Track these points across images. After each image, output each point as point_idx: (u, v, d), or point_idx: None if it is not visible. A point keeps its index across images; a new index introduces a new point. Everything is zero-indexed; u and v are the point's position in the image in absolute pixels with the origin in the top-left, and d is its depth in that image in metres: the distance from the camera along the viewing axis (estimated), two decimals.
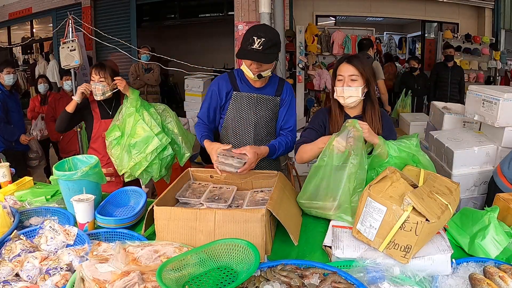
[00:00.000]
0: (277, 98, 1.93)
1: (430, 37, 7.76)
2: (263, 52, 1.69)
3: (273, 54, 1.74)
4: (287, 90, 1.97)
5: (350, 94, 1.69)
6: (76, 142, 3.94)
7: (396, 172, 1.30)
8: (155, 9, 7.51)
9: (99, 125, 2.39)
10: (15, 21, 8.16)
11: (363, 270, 1.09)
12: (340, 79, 1.72)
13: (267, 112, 1.93)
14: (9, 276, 1.14)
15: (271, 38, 1.70)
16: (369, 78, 1.71)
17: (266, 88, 1.92)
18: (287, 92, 1.96)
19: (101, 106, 2.41)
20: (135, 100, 2.27)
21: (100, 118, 2.39)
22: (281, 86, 1.95)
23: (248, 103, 1.91)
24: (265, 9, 3.01)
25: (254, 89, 1.91)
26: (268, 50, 1.69)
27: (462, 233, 1.39)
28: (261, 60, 1.71)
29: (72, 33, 3.81)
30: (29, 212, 1.62)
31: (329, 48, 6.35)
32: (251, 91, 1.91)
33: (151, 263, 1.06)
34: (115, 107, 2.40)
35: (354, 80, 1.69)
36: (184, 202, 1.56)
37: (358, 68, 1.68)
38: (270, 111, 1.93)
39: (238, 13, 4.92)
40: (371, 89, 1.73)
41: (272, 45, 1.70)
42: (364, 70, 1.69)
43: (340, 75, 1.72)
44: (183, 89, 5.72)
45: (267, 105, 1.92)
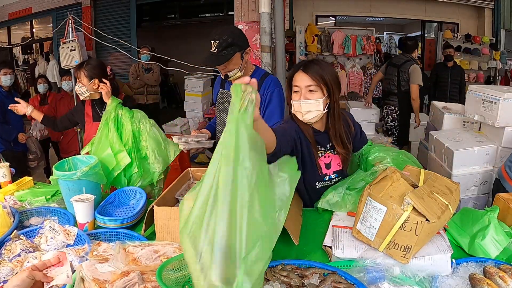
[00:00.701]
0: None
1: (430, 37, 7.76)
2: (218, 54, 1.67)
3: (228, 54, 1.69)
4: (266, 85, 1.82)
5: (308, 109, 1.43)
6: (76, 142, 3.94)
7: (396, 172, 1.30)
8: (155, 9, 7.51)
9: (91, 127, 2.34)
10: (15, 21, 8.15)
11: (363, 270, 1.09)
12: (296, 91, 1.47)
13: None
14: (9, 276, 1.14)
15: (225, 39, 1.67)
16: (331, 87, 1.45)
17: None
18: (267, 87, 1.82)
19: (94, 109, 2.36)
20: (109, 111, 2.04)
21: (92, 120, 2.34)
22: (261, 81, 1.83)
23: (227, 101, 1.92)
24: (265, 9, 3.02)
25: None
26: (224, 51, 1.67)
27: (462, 233, 1.39)
28: (213, 63, 1.70)
29: (72, 33, 3.82)
30: (29, 212, 1.62)
31: (329, 48, 6.35)
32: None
33: (151, 263, 1.06)
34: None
35: (313, 91, 1.43)
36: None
37: (316, 77, 1.42)
38: None
39: (238, 13, 4.92)
40: (334, 100, 1.48)
41: (227, 45, 1.67)
42: (324, 78, 1.44)
43: (296, 86, 1.46)
44: (183, 89, 5.71)
45: None
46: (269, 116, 1.80)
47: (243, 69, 1.79)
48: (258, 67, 1.93)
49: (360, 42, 6.34)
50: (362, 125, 4.84)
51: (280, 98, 1.84)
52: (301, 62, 1.50)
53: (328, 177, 1.57)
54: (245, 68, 1.82)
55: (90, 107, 2.36)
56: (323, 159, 1.56)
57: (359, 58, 6.50)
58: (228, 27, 1.76)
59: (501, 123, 2.56)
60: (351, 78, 6.27)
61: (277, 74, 3.25)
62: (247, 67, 1.85)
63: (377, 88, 6.54)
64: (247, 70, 1.85)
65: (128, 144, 1.94)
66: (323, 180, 1.57)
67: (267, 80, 1.83)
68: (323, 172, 1.56)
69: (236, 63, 1.74)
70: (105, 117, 2.00)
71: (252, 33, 4.61)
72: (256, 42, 4.55)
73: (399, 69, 4.19)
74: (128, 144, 1.94)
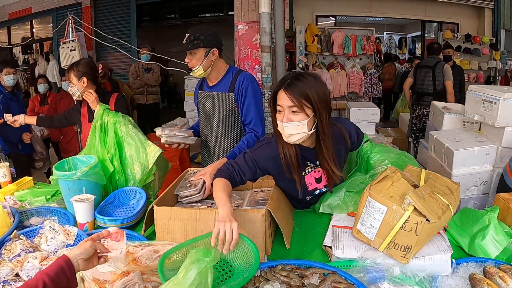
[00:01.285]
0: (230, 94, 1.85)
1: (430, 37, 7.77)
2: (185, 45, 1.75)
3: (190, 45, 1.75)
4: (240, 82, 1.82)
5: (292, 132, 1.30)
6: (76, 142, 3.94)
7: (397, 172, 1.30)
8: (155, 9, 7.52)
9: (86, 128, 2.31)
10: (15, 21, 8.15)
11: (363, 270, 1.09)
12: (279, 110, 1.32)
13: (220, 110, 1.88)
14: (9, 276, 1.14)
15: (193, 33, 1.75)
16: (317, 107, 1.29)
17: (219, 85, 1.89)
18: (240, 84, 1.82)
19: (89, 109, 2.31)
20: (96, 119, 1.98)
21: (88, 121, 2.32)
22: (234, 79, 1.84)
23: (203, 102, 1.95)
24: (265, 9, 3.02)
25: (209, 88, 1.92)
26: (189, 44, 1.75)
27: (462, 233, 1.39)
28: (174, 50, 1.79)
29: (72, 33, 3.82)
30: (29, 212, 1.62)
31: (329, 48, 6.36)
32: (208, 90, 1.93)
33: (151, 263, 1.06)
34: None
35: (296, 112, 1.28)
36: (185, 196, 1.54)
37: (298, 97, 1.26)
38: (223, 109, 1.87)
39: (238, 13, 4.92)
40: (321, 119, 1.32)
41: (194, 39, 1.75)
42: (309, 97, 1.27)
43: (279, 105, 1.32)
44: (183, 89, 5.72)
45: (219, 103, 1.88)
46: (246, 113, 1.82)
47: (207, 68, 1.81)
48: (232, 66, 1.94)
49: (360, 42, 6.34)
50: (362, 125, 4.84)
51: (255, 93, 1.83)
52: (286, 77, 1.34)
53: (319, 191, 1.52)
54: (214, 69, 1.84)
55: (86, 108, 2.34)
56: (313, 174, 1.48)
57: (359, 58, 6.50)
58: (204, 26, 1.83)
59: (501, 123, 2.56)
60: (351, 78, 6.27)
61: (277, 74, 3.25)
62: (219, 68, 1.87)
63: (377, 88, 6.54)
64: (219, 70, 1.88)
65: (110, 151, 1.90)
66: (312, 194, 1.52)
67: (240, 77, 1.84)
68: (313, 187, 1.50)
69: (199, 58, 1.77)
70: (93, 125, 1.97)
71: (252, 33, 4.60)
72: (256, 42, 4.55)
73: (434, 70, 4.35)
74: (111, 151, 1.90)
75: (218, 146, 1.95)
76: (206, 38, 1.76)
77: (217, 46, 1.80)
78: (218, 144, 1.94)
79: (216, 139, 1.94)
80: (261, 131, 1.81)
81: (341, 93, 6.36)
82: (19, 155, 3.48)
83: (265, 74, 3.15)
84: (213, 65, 1.84)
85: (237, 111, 1.87)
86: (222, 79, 1.88)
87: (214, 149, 1.96)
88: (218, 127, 1.91)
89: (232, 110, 1.87)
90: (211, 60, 1.81)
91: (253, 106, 1.81)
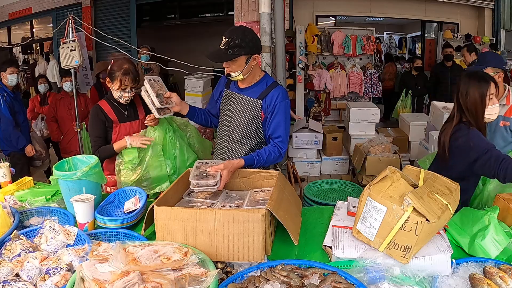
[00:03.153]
0: (258, 101, 1.83)
1: (430, 37, 7.76)
2: (224, 51, 1.69)
3: (232, 54, 1.69)
4: (274, 95, 1.82)
5: None
6: (76, 142, 3.94)
7: (396, 172, 1.30)
8: (155, 9, 7.51)
9: (119, 129, 2.15)
10: (15, 21, 8.15)
11: (363, 270, 1.09)
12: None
13: (244, 114, 1.86)
14: (9, 276, 1.14)
15: (234, 38, 1.68)
16: None
17: (250, 89, 1.86)
18: (274, 98, 1.81)
19: (116, 110, 2.16)
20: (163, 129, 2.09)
21: (119, 122, 2.16)
22: (268, 90, 1.84)
23: (229, 102, 1.92)
24: (265, 9, 3.01)
25: (238, 89, 1.89)
26: (230, 50, 1.68)
27: (462, 233, 1.39)
28: (215, 59, 1.71)
29: (72, 33, 3.81)
30: (29, 212, 1.62)
31: (329, 48, 6.36)
32: (236, 91, 1.90)
33: (151, 263, 1.06)
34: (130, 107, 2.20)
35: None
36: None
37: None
38: (247, 113, 1.85)
39: (238, 13, 4.92)
40: None
41: (234, 45, 1.68)
42: None
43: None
44: (183, 89, 5.71)
45: (245, 106, 1.85)
46: (275, 126, 1.82)
47: (246, 74, 1.78)
48: (267, 75, 1.92)
49: (360, 42, 6.34)
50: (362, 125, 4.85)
51: (286, 111, 1.83)
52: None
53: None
54: (250, 74, 1.81)
55: (111, 109, 2.15)
56: None
57: (359, 58, 6.50)
58: (243, 29, 1.75)
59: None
60: (351, 78, 6.27)
61: (277, 74, 3.24)
62: (254, 73, 1.84)
63: (377, 88, 6.54)
64: (254, 76, 1.85)
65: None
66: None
67: (275, 91, 1.83)
68: None
69: (240, 65, 1.74)
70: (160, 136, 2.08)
71: None
72: None
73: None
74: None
75: (233, 148, 1.92)
76: (247, 45, 1.70)
77: (257, 52, 1.77)
78: (234, 145, 1.92)
79: (233, 140, 1.91)
80: (285, 148, 1.83)
81: (341, 93, 6.36)
82: (18, 154, 3.48)
83: None
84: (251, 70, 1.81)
85: (261, 120, 1.85)
86: (255, 85, 1.85)
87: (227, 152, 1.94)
88: (237, 129, 1.89)
89: (256, 117, 1.84)
90: (251, 65, 1.78)
91: (283, 124, 1.83)
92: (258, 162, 1.73)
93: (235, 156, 1.90)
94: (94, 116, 2.12)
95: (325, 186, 2.99)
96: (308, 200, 2.61)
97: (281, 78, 3.25)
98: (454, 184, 1.35)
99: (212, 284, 1.01)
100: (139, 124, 2.20)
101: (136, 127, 2.19)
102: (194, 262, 1.09)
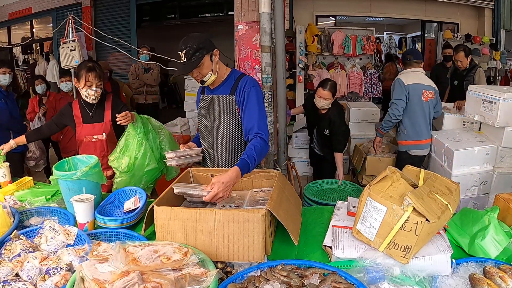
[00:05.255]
0: (231, 96, 1.81)
1: (430, 37, 7.76)
2: (188, 62, 1.66)
3: (197, 59, 1.67)
4: (242, 84, 1.79)
5: None
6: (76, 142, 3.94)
7: (396, 172, 1.30)
8: (155, 9, 7.50)
9: (81, 129, 2.28)
10: (15, 21, 8.15)
11: (363, 270, 1.09)
12: None
13: (221, 113, 1.84)
14: (9, 276, 1.14)
15: (190, 46, 1.66)
16: None
17: (221, 87, 1.85)
18: (242, 86, 1.79)
19: (83, 110, 2.28)
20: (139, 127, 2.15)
21: (82, 122, 2.28)
22: (237, 82, 1.81)
23: (205, 105, 1.91)
24: (265, 9, 3.01)
25: (210, 91, 1.88)
26: (193, 57, 1.66)
27: (462, 233, 1.39)
28: (185, 70, 1.69)
29: (72, 33, 3.81)
30: (29, 212, 1.62)
31: (329, 48, 6.35)
32: (208, 92, 1.89)
33: (151, 263, 1.06)
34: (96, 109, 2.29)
35: None
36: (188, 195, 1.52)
37: None
38: (224, 112, 1.84)
39: (238, 13, 4.92)
40: None
41: (194, 51, 1.66)
42: None
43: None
44: (183, 89, 5.72)
45: (220, 105, 1.84)
46: (249, 116, 1.77)
47: (216, 71, 1.78)
48: (234, 70, 1.91)
49: (360, 42, 6.33)
50: (362, 125, 4.84)
51: (258, 96, 1.80)
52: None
53: None
54: (218, 70, 1.80)
55: (79, 109, 2.29)
56: None
57: (359, 58, 6.49)
58: (191, 35, 1.74)
59: (501, 123, 2.56)
60: (351, 78, 6.26)
61: (277, 74, 3.24)
62: (220, 70, 1.83)
63: (377, 88, 6.54)
64: (221, 72, 1.84)
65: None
66: None
67: (242, 81, 1.81)
68: None
69: (207, 66, 1.73)
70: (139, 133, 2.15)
71: (252, 33, 4.60)
72: (256, 42, 4.55)
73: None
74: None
75: (219, 150, 1.91)
76: (204, 44, 1.70)
77: (214, 47, 1.76)
78: (219, 147, 1.90)
79: (217, 143, 1.90)
80: (266, 133, 1.76)
81: (341, 93, 6.35)
82: (12, 153, 3.48)
83: (265, 74, 3.14)
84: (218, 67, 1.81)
85: (238, 114, 1.83)
86: (224, 82, 1.85)
87: (215, 154, 1.92)
88: (219, 130, 1.87)
89: (234, 113, 1.83)
90: (216, 61, 1.78)
91: (257, 111, 1.77)
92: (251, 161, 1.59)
93: (223, 159, 1.88)
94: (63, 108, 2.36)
95: (325, 186, 2.99)
96: (308, 200, 2.61)
97: (281, 78, 3.24)
98: (454, 184, 1.35)
99: (212, 284, 1.01)
100: (102, 127, 2.30)
101: (98, 128, 2.30)
102: (194, 262, 1.09)
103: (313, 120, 3.47)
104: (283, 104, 3.30)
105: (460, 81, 4.12)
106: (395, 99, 3.07)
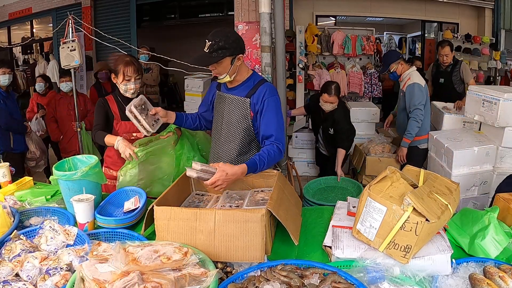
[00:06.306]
0: (246, 99, 1.81)
1: (430, 37, 7.76)
2: (208, 54, 1.66)
3: (217, 57, 1.67)
4: (261, 92, 1.78)
5: None
6: (76, 142, 3.94)
7: (396, 172, 1.30)
8: (155, 9, 7.50)
9: (119, 126, 2.18)
10: (15, 21, 8.14)
11: (363, 270, 1.09)
12: None
13: (233, 113, 1.84)
14: (9, 276, 1.14)
15: (217, 41, 1.66)
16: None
17: (238, 88, 1.84)
18: (262, 94, 1.78)
19: (121, 106, 2.17)
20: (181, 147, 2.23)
21: (120, 119, 2.18)
22: (256, 87, 1.80)
23: (220, 103, 1.92)
24: (265, 9, 3.01)
25: (227, 90, 1.88)
26: (214, 53, 1.66)
27: (462, 233, 1.39)
28: (200, 63, 1.69)
29: (72, 33, 3.81)
30: (29, 212, 1.62)
31: (329, 48, 6.34)
32: (225, 91, 1.89)
33: (151, 263, 1.06)
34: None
35: None
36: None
37: None
38: (236, 113, 1.83)
39: (238, 13, 4.91)
40: None
41: (218, 48, 1.65)
42: None
43: None
44: (183, 89, 5.71)
45: (234, 106, 1.84)
46: (267, 124, 1.77)
47: (233, 74, 1.77)
48: (255, 73, 1.90)
49: (360, 42, 6.33)
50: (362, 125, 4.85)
51: (277, 107, 1.80)
52: None
53: None
54: (237, 73, 1.80)
55: (116, 105, 2.20)
56: None
57: (359, 58, 6.49)
58: (224, 30, 1.73)
59: (501, 123, 2.56)
60: (351, 78, 6.26)
61: (277, 74, 3.24)
62: (241, 72, 1.82)
63: (377, 88, 6.54)
64: (241, 75, 1.83)
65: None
66: None
67: (262, 88, 1.80)
68: None
69: (225, 67, 1.72)
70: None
71: (252, 33, 4.60)
72: (256, 42, 4.55)
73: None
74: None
75: (224, 147, 1.91)
76: (230, 45, 1.68)
77: (241, 52, 1.74)
78: (225, 145, 1.90)
79: (223, 140, 1.90)
80: (283, 144, 1.77)
81: (341, 93, 6.35)
82: (12, 154, 3.49)
83: (265, 74, 3.14)
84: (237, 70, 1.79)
85: (250, 118, 1.82)
86: (243, 84, 1.83)
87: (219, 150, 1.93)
88: (228, 129, 1.87)
89: (246, 116, 1.82)
90: (237, 65, 1.76)
91: (275, 120, 1.77)
92: (260, 164, 1.64)
93: (227, 157, 1.89)
94: (99, 105, 2.18)
95: (325, 184, 2.99)
96: (308, 201, 2.61)
97: (281, 78, 3.24)
98: (454, 184, 1.35)
99: (212, 284, 1.01)
100: None
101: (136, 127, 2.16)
102: (194, 262, 1.09)
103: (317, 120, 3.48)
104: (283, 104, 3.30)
105: (447, 79, 4.13)
106: (419, 104, 3.08)
